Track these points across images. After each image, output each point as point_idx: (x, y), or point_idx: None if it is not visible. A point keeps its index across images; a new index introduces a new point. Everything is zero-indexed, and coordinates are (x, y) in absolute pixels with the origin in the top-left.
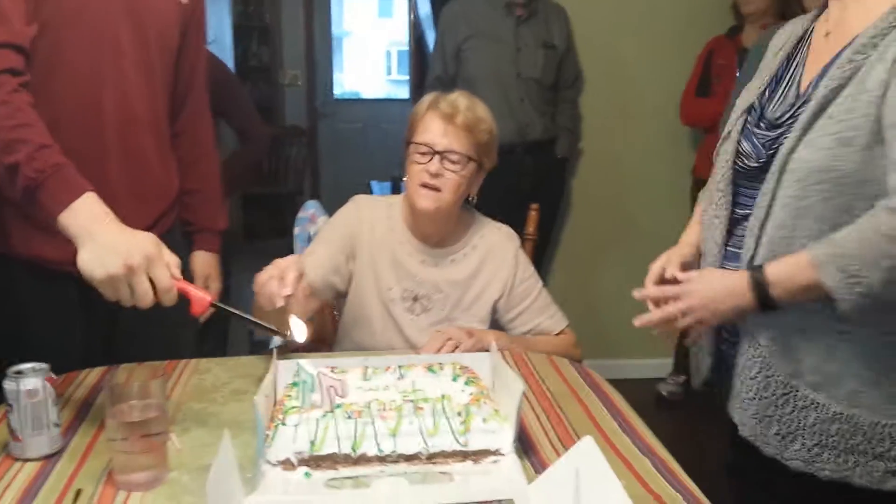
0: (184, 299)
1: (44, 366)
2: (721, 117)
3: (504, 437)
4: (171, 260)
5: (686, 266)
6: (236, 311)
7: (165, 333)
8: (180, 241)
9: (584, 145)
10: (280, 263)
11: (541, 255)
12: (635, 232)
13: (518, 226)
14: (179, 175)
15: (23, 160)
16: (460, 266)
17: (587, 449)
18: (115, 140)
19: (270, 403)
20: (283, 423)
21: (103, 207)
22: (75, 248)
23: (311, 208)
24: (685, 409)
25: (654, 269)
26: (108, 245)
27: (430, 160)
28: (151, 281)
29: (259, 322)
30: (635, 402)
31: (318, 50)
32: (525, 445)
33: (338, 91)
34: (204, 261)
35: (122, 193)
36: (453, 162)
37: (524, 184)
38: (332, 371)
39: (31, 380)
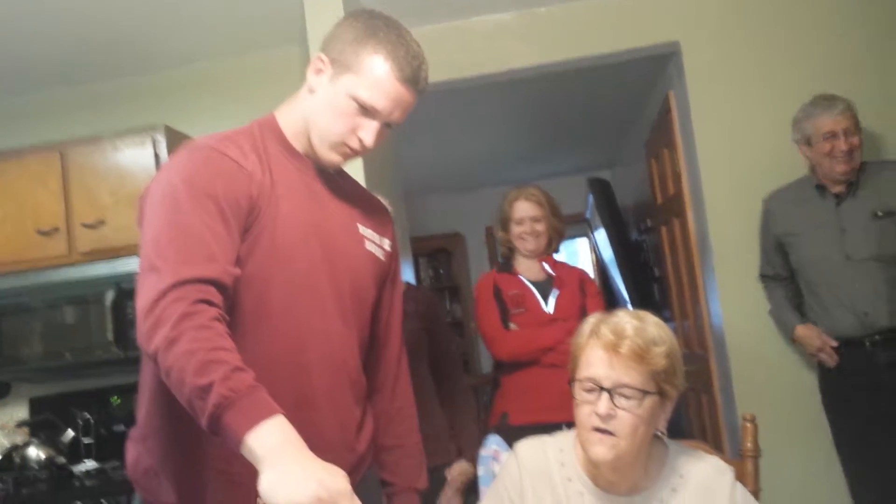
0: None
1: None
2: None
3: None
4: None
5: None
6: None
7: None
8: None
9: None
10: None
11: None
12: None
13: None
14: (378, 431)
15: (217, 379)
16: None
17: None
18: (318, 388)
19: None
20: None
21: (294, 432)
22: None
23: (492, 444)
24: None
25: None
26: (299, 471)
27: (598, 399)
28: None
29: None
30: None
31: None
32: None
33: None
34: None
35: (323, 441)
36: (626, 398)
37: (885, 388)
38: None
39: None
